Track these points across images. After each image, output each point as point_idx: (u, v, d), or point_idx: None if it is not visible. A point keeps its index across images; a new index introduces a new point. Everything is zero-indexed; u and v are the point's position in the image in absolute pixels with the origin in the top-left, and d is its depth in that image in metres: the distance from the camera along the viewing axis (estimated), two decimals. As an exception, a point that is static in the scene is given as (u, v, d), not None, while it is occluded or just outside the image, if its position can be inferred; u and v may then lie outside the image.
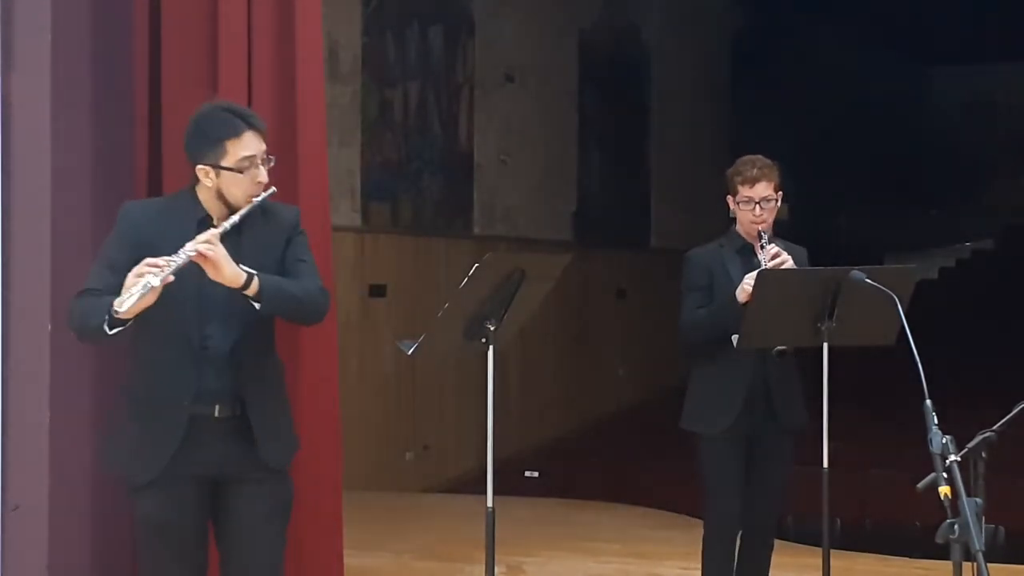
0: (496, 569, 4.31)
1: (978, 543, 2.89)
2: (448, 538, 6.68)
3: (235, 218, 3.73)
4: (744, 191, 4.87)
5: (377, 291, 9.05)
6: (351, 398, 7.28)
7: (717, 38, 15.52)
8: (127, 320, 3.59)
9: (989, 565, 2.91)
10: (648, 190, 13.85)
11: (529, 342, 10.51)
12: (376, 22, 9.15)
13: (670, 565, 6.11)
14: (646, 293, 13.16)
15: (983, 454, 3.29)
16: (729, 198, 4.96)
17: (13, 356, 4.59)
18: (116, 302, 3.56)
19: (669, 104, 13.99)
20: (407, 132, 9.60)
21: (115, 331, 3.61)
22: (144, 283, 3.53)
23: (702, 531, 5.04)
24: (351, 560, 5.10)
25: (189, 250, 3.62)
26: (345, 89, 8.80)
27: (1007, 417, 3.49)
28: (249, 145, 3.80)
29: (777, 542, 5.13)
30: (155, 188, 4.98)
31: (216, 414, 3.82)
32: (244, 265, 3.73)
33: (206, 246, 3.63)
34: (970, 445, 3.26)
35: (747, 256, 4.93)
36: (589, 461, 10.19)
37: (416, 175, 9.73)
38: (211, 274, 3.67)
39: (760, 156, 4.97)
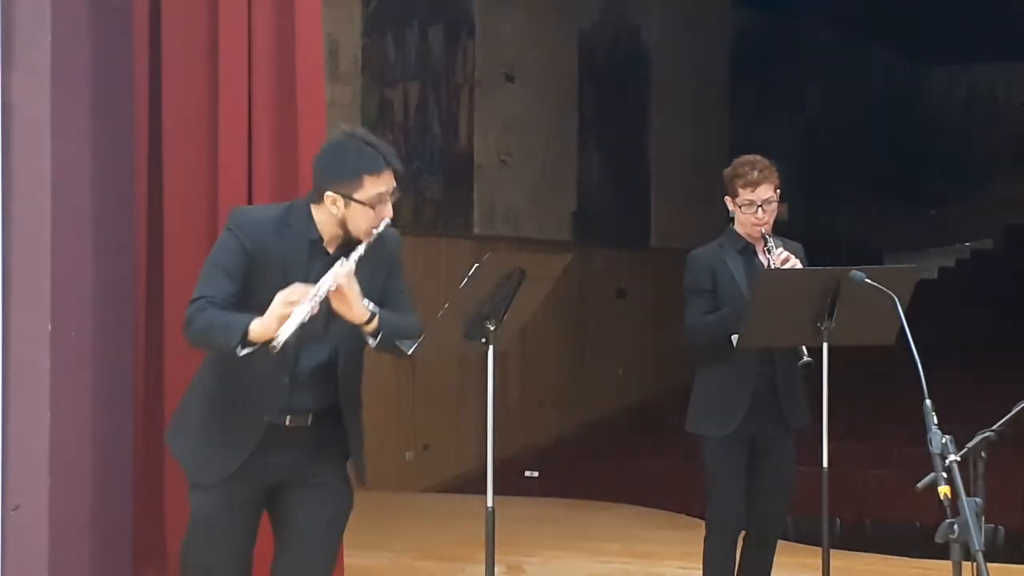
0: (496, 569, 4.31)
1: (978, 543, 2.89)
2: (448, 538, 6.68)
3: (361, 249, 3.69)
4: (746, 194, 4.84)
5: (377, 291, 9.04)
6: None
7: (717, 38, 15.51)
8: (256, 345, 3.57)
9: (989, 565, 2.91)
10: (648, 190, 13.84)
11: (529, 342, 10.50)
12: (376, 22, 9.16)
13: (670, 565, 6.10)
14: (646, 293, 13.16)
15: (983, 454, 3.29)
16: (728, 199, 4.93)
17: (13, 356, 4.58)
18: (256, 326, 3.53)
19: (669, 104, 13.99)
20: (407, 132, 9.60)
21: (244, 352, 3.58)
22: (297, 318, 3.51)
23: (702, 531, 5.03)
24: (351, 560, 5.09)
25: (330, 282, 3.59)
26: (345, 89, 8.80)
27: (1007, 417, 3.49)
28: (386, 181, 3.75)
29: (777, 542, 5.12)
30: (155, 188, 4.98)
31: (287, 423, 3.83)
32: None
33: (346, 280, 3.61)
34: (970, 445, 3.26)
35: (748, 256, 4.92)
36: (589, 461, 10.18)
37: (416, 175, 9.73)
38: (337, 306, 3.65)
39: (759, 157, 4.93)
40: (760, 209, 4.83)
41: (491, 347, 4.23)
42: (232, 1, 4.85)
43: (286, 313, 3.52)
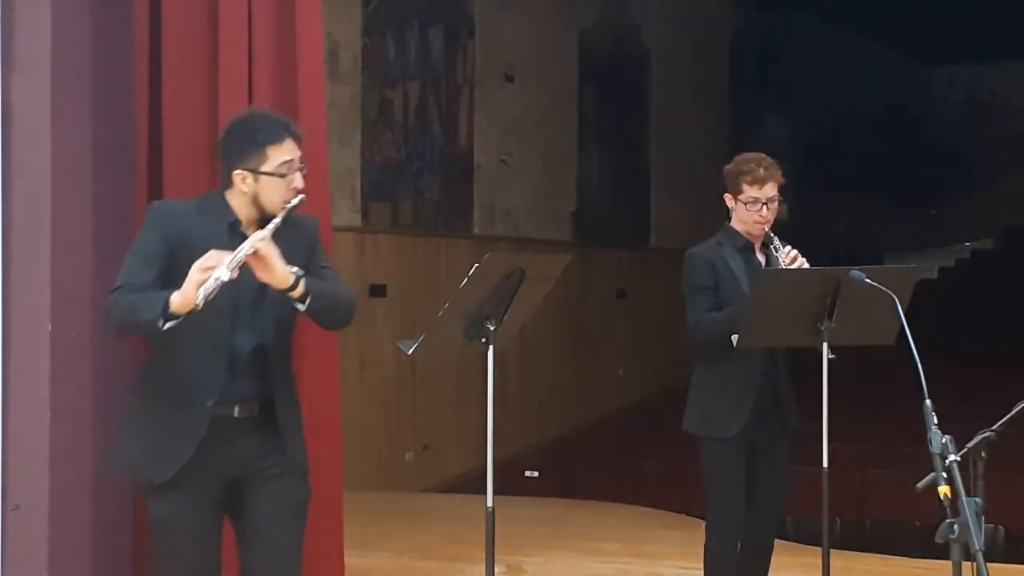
0: (496, 569, 4.31)
1: (978, 543, 2.89)
2: (448, 538, 6.68)
3: (278, 220, 3.73)
4: (752, 191, 4.81)
5: (377, 291, 9.05)
6: (351, 398, 7.29)
7: (717, 38, 15.52)
8: (180, 316, 3.58)
9: (988, 565, 2.91)
10: (648, 190, 13.85)
11: (529, 342, 10.51)
12: (376, 22, 9.16)
13: (670, 565, 6.10)
14: (646, 293, 13.16)
15: (983, 454, 3.29)
16: (728, 196, 4.89)
17: (13, 356, 4.58)
18: (176, 297, 3.55)
19: (669, 104, 13.99)
20: (407, 132, 9.61)
21: (168, 326, 3.59)
22: (215, 276, 3.54)
23: (702, 531, 5.01)
24: (351, 560, 5.10)
25: (247, 247, 3.63)
26: (345, 89, 8.81)
27: (1007, 417, 3.49)
28: (288, 150, 3.82)
29: (777, 542, 5.11)
30: (155, 187, 4.97)
31: (235, 414, 3.84)
32: None
33: (263, 244, 3.64)
34: (970, 445, 3.26)
35: (748, 254, 4.90)
36: (589, 461, 10.19)
37: (416, 175, 9.73)
38: (261, 274, 3.68)
39: (763, 154, 4.91)
40: (765, 207, 4.81)
41: (491, 347, 4.23)
42: (232, 1, 4.85)
43: (204, 278, 3.55)
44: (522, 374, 10.81)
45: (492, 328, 4.21)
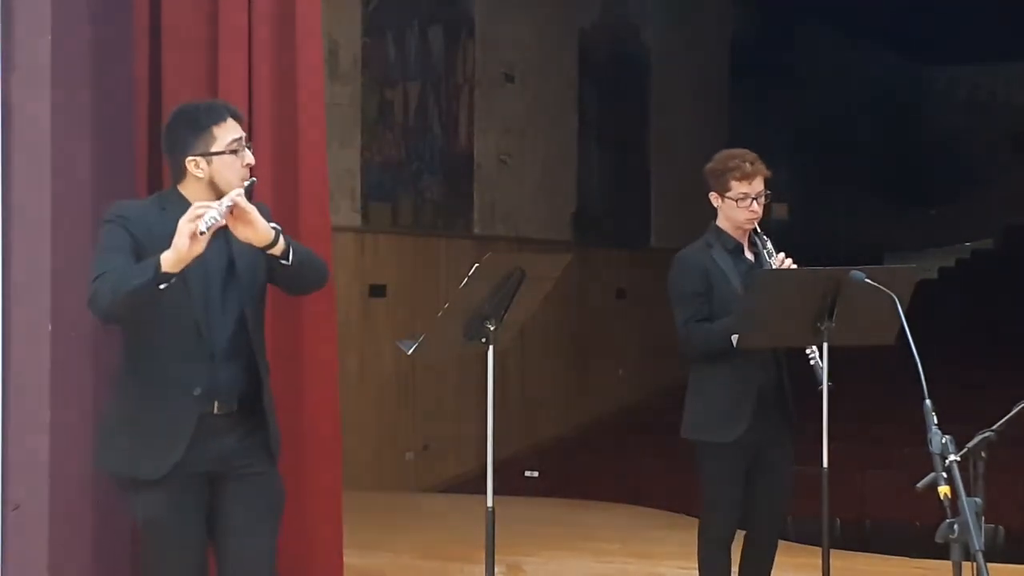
0: (496, 569, 4.31)
1: (978, 543, 2.89)
2: (448, 538, 6.68)
3: (241, 189, 3.72)
4: (741, 187, 4.79)
5: (377, 291, 9.05)
6: (351, 398, 7.29)
7: (717, 38, 15.52)
8: (173, 276, 3.56)
9: (989, 565, 2.91)
10: (648, 190, 13.85)
11: (529, 342, 10.50)
12: (376, 22, 9.16)
13: (670, 565, 6.10)
14: (646, 293, 13.13)
15: (983, 454, 3.29)
16: (714, 195, 4.86)
17: (13, 356, 4.59)
18: (168, 254, 3.52)
19: (669, 104, 13.99)
20: (407, 132, 9.60)
21: (164, 287, 3.57)
22: (210, 215, 3.54)
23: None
24: (351, 560, 5.09)
25: (227, 201, 3.63)
26: (345, 89, 8.80)
27: (1007, 417, 3.49)
28: (233, 129, 3.85)
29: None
30: (155, 186, 4.97)
31: (215, 411, 3.84)
32: (237, 257, 3.80)
33: (241, 198, 3.65)
34: (970, 445, 3.26)
35: (738, 254, 4.87)
36: (589, 461, 10.19)
37: (416, 175, 9.73)
38: (242, 233, 3.70)
39: (745, 149, 4.90)
40: (755, 202, 4.80)
41: (491, 347, 4.23)
42: (232, 1, 4.85)
43: (194, 228, 3.53)
44: (522, 374, 10.81)
45: (492, 328, 4.21)
